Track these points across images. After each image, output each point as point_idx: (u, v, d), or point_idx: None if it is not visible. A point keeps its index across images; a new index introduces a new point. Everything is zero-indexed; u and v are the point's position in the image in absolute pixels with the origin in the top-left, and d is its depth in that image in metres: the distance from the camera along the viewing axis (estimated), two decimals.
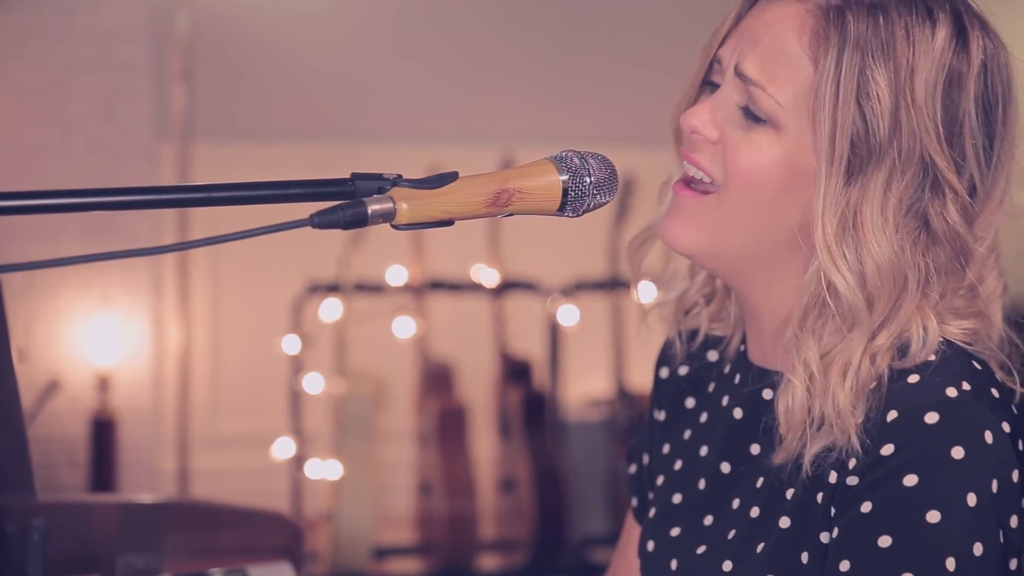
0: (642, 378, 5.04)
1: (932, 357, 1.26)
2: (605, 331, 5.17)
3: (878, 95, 1.24)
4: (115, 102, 4.73)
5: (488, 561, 4.98)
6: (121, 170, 4.66)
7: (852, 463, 1.24)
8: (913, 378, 1.25)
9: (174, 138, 4.95)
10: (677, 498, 1.47)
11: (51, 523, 1.60)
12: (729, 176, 1.30)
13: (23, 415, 1.68)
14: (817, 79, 1.25)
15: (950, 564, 1.19)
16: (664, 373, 1.57)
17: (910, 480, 1.20)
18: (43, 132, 4.66)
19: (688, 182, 1.35)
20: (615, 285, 5.04)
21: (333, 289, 4.75)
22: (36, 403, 4.31)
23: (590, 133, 5.49)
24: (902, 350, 1.27)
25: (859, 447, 1.23)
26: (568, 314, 5.04)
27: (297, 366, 4.75)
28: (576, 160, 1.22)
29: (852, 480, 1.24)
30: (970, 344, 1.29)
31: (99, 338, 4.65)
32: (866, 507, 1.23)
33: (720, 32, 1.35)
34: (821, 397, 1.26)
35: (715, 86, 1.35)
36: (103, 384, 4.59)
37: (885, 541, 1.21)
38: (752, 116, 1.29)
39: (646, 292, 1.53)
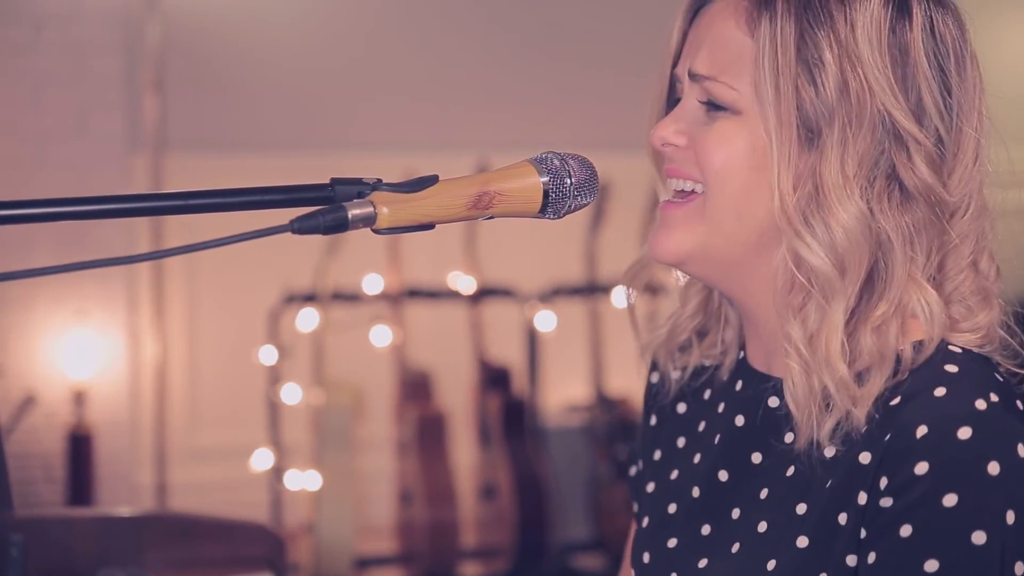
0: (621, 383, 5.04)
1: (955, 368, 1.24)
2: (583, 336, 5.16)
3: (820, 57, 1.24)
4: (87, 115, 4.71)
5: (470, 569, 4.97)
6: (94, 182, 4.64)
7: (883, 482, 1.21)
8: (940, 391, 1.22)
9: (147, 150, 4.92)
10: (672, 507, 1.44)
11: (31, 538, 1.58)
12: (705, 172, 1.31)
13: (0, 431, 1.67)
14: (756, 53, 1.27)
15: None
16: (655, 378, 1.55)
17: (950, 500, 1.18)
18: (15, 146, 4.64)
19: (675, 197, 1.35)
20: (592, 290, 5.03)
21: (310, 299, 4.74)
22: (12, 419, 4.29)
23: (565, 139, 5.47)
24: (911, 323, 1.26)
25: (864, 422, 1.22)
26: (546, 320, 5.04)
27: (275, 377, 4.73)
28: (556, 161, 1.22)
29: (886, 501, 1.21)
30: (983, 347, 1.28)
31: (74, 352, 4.63)
32: (906, 531, 1.20)
33: (670, 51, 1.37)
34: (819, 370, 1.25)
35: (678, 101, 1.36)
36: (79, 398, 4.57)
37: (932, 565, 1.18)
38: (713, 106, 1.31)
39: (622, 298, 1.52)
